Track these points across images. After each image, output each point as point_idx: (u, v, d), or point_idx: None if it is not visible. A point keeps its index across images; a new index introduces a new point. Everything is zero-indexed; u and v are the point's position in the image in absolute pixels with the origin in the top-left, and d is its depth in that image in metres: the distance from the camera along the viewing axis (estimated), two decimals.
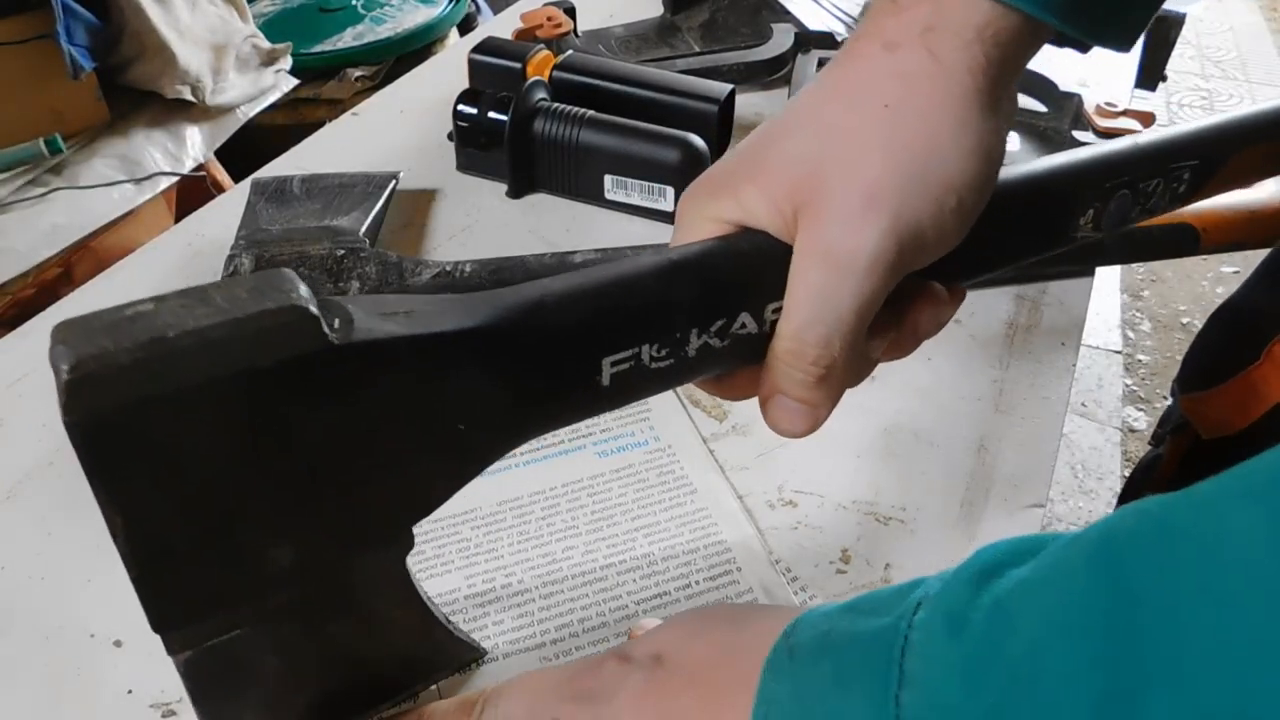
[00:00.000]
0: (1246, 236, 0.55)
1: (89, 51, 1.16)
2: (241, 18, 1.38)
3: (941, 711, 0.23)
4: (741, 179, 0.32)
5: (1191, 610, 0.20)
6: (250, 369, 0.24)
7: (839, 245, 0.30)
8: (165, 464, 0.25)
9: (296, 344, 0.25)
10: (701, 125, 0.62)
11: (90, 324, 0.24)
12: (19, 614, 0.39)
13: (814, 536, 0.42)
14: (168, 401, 0.24)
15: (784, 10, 0.81)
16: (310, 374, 0.25)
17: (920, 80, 0.31)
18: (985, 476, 0.44)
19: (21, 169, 1.16)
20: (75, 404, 0.23)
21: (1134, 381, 1.90)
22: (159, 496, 0.25)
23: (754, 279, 0.31)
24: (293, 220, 0.54)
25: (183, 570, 0.27)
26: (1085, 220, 0.37)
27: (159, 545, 0.26)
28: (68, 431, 0.23)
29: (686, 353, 0.31)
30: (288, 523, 0.27)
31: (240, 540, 0.27)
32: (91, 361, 0.23)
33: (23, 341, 0.53)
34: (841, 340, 0.30)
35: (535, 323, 0.29)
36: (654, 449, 0.45)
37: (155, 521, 0.25)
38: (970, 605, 0.24)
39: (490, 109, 0.62)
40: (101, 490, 0.25)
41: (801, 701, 0.26)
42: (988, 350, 0.51)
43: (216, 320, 0.24)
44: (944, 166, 0.30)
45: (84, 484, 0.24)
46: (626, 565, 0.40)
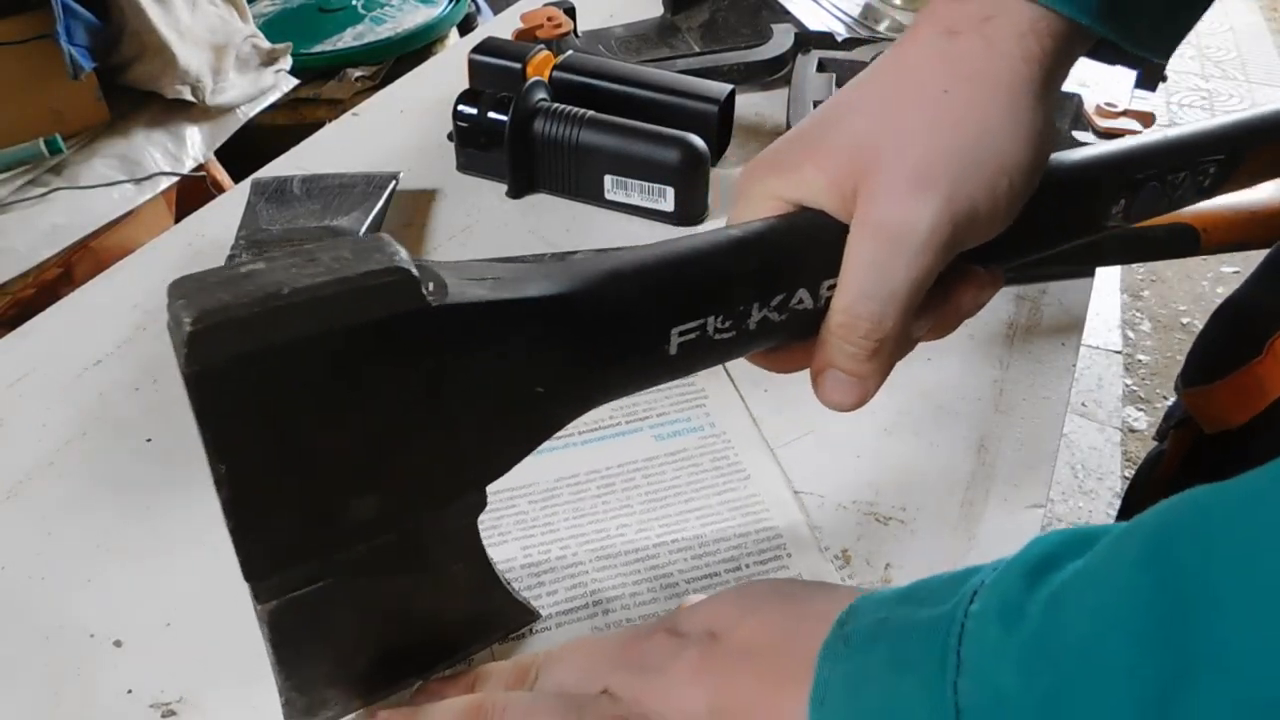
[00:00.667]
0: (1247, 236, 0.55)
1: (89, 51, 1.16)
2: (241, 18, 1.38)
3: (997, 699, 0.24)
4: (800, 158, 0.33)
5: (1238, 599, 0.20)
6: (355, 325, 0.26)
7: (895, 222, 0.31)
8: (271, 414, 0.26)
9: (397, 303, 0.26)
10: (701, 125, 0.62)
11: (206, 280, 0.25)
12: (19, 614, 0.39)
13: (813, 536, 0.42)
14: (280, 354, 0.25)
15: (784, 10, 0.81)
16: (406, 333, 0.27)
17: (978, 67, 0.32)
18: (985, 476, 0.44)
19: (21, 169, 1.16)
20: (197, 354, 0.24)
21: (1134, 381, 1.90)
22: (262, 446, 0.26)
23: (812, 255, 0.33)
24: (293, 220, 0.54)
25: (276, 520, 0.28)
26: (1117, 209, 0.38)
27: (258, 494, 0.27)
28: (186, 382, 0.24)
29: (747, 325, 0.32)
30: (373, 476, 0.29)
31: (329, 492, 0.28)
32: (214, 314, 0.24)
33: (23, 341, 0.53)
34: (894, 315, 0.31)
35: (611, 292, 0.30)
36: (709, 435, 0.46)
37: (257, 470, 0.27)
38: (1026, 597, 0.24)
39: (490, 109, 0.62)
40: (212, 439, 0.26)
41: (857, 687, 0.27)
42: (988, 350, 0.51)
43: (325, 279, 0.25)
44: (998, 150, 0.31)
45: (84, 484, 0.24)
46: (678, 545, 0.41)
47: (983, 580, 0.26)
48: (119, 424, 0.47)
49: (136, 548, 0.41)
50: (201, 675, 0.37)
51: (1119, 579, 0.23)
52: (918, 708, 0.25)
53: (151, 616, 0.39)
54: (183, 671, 0.37)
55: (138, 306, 0.54)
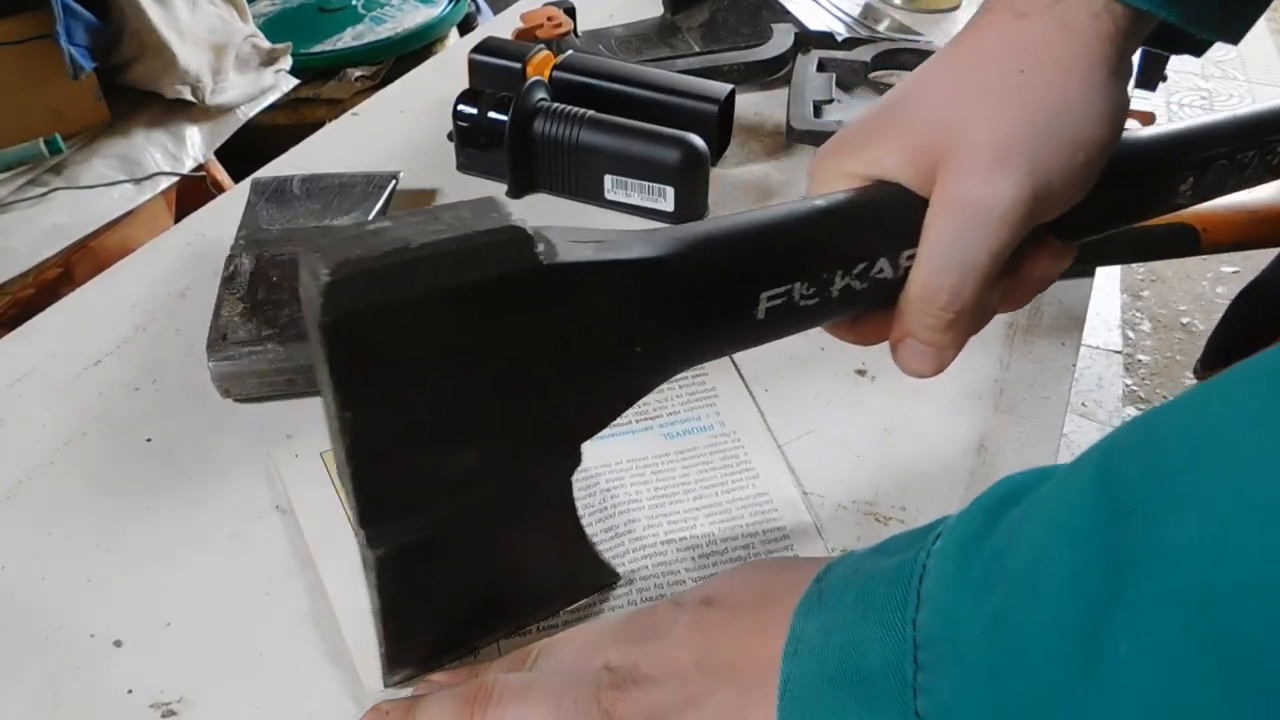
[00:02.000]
0: (1247, 236, 0.55)
1: (89, 51, 1.16)
2: (241, 18, 1.38)
3: (950, 626, 0.24)
4: (878, 137, 0.35)
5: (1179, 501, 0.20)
6: (475, 281, 0.27)
7: (975, 196, 0.32)
8: (395, 365, 0.27)
9: (513, 261, 0.28)
10: (701, 125, 0.62)
11: (337, 236, 0.26)
12: (19, 614, 0.39)
13: (814, 536, 0.42)
14: (407, 306, 0.26)
15: (784, 10, 0.81)
16: (519, 290, 0.28)
17: (1051, 46, 0.33)
18: (985, 476, 0.44)
19: (21, 169, 1.16)
20: (333, 305, 0.25)
21: (1134, 381, 1.90)
22: (385, 395, 0.27)
23: (892, 226, 0.34)
24: (293, 220, 0.54)
25: (392, 467, 0.29)
26: (1185, 187, 0.40)
27: (377, 442, 0.28)
28: (322, 332, 0.26)
29: (830, 292, 0.34)
30: (481, 429, 0.30)
31: (441, 442, 0.29)
32: (349, 265, 0.25)
33: (23, 341, 0.53)
34: (972, 287, 0.33)
35: (707, 256, 0.32)
36: (719, 434, 0.46)
37: (378, 419, 0.28)
38: (986, 531, 0.25)
39: (490, 109, 0.62)
40: (340, 387, 0.27)
41: (826, 634, 0.27)
42: (988, 350, 0.51)
43: (448, 236, 0.27)
44: (1074, 126, 0.33)
45: (84, 484, 0.25)
46: (686, 543, 0.41)
47: (948, 523, 0.27)
48: (119, 424, 0.47)
49: (136, 548, 0.41)
50: (201, 675, 0.37)
51: (1066, 497, 0.23)
52: (878, 645, 0.26)
53: (151, 616, 0.39)
54: (183, 671, 0.37)
55: (138, 306, 0.54)
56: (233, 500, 0.43)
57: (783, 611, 0.29)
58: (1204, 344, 0.65)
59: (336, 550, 0.41)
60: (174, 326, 0.53)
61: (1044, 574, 0.22)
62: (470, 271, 0.27)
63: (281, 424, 0.47)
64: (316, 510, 0.42)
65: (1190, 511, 0.20)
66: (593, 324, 0.30)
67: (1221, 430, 0.20)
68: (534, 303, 0.28)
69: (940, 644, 0.24)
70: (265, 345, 0.47)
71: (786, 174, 0.66)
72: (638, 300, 0.31)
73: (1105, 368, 1.92)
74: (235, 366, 0.46)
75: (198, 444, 0.46)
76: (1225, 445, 0.20)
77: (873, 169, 0.35)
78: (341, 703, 0.36)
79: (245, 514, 0.43)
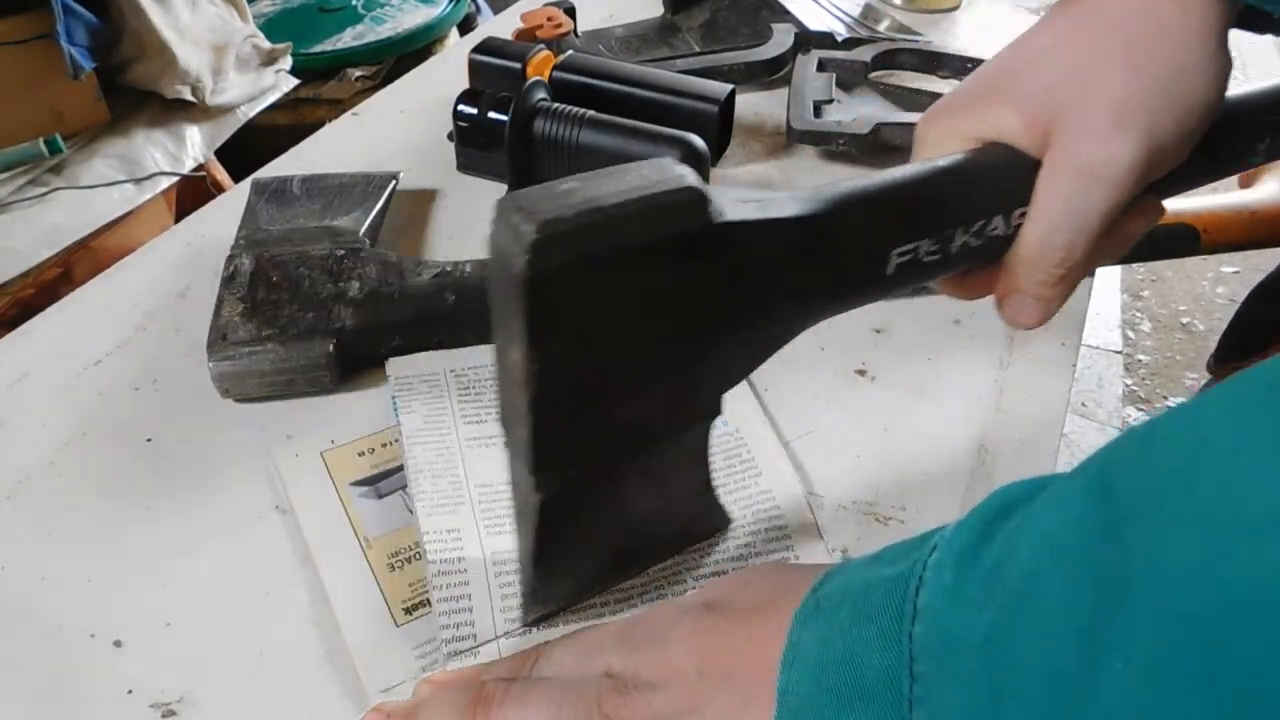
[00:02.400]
0: (1247, 236, 0.55)
1: (89, 51, 1.16)
2: (241, 18, 1.38)
3: (946, 640, 0.24)
4: (990, 100, 0.36)
5: (1174, 516, 0.20)
6: (659, 239, 0.29)
7: (1094, 158, 0.33)
8: (582, 319, 0.29)
9: (691, 219, 0.29)
10: (701, 125, 0.62)
11: (531, 197, 0.28)
12: (19, 614, 0.39)
13: (814, 536, 0.42)
14: (601, 263, 0.28)
15: (784, 10, 0.81)
16: (693, 247, 0.30)
17: (1164, 12, 0.34)
18: (985, 476, 0.44)
19: (21, 169, 1.16)
20: (538, 259, 0.27)
21: (1134, 381, 1.90)
22: (569, 348, 0.29)
23: (1007, 186, 0.36)
24: (293, 220, 0.54)
25: (568, 416, 0.31)
26: (1261, 145, 0.42)
27: (557, 393, 0.30)
28: (523, 287, 0.27)
29: (950, 249, 0.35)
30: (648, 379, 0.32)
31: (613, 392, 0.31)
32: (552, 224, 0.27)
33: (23, 341, 0.53)
34: (1084, 245, 0.34)
35: (849, 215, 0.33)
36: (723, 432, 0.46)
37: (561, 371, 0.29)
38: (983, 542, 0.25)
39: (490, 109, 0.62)
40: (532, 341, 0.28)
41: (823, 645, 0.27)
42: (988, 350, 0.51)
43: (636, 195, 0.28)
44: (1189, 90, 0.34)
45: (84, 484, 0.24)
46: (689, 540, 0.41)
47: (944, 534, 0.27)
48: (119, 424, 0.47)
49: (136, 548, 0.41)
50: (201, 675, 0.37)
51: (1062, 510, 0.23)
52: (875, 657, 0.26)
53: (151, 616, 0.39)
54: (183, 671, 0.37)
55: (138, 306, 0.54)
56: (233, 500, 0.43)
57: (784, 618, 0.29)
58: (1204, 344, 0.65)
59: (336, 550, 0.41)
60: (174, 326, 0.53)
61: (1039, 588, 0.22)
62: (655, 230, 0.29)
63: (281, 424, 0.47)
64: (316, 510, 0.42)
65: (1186, 528, 0.19)
66: (749, 278, 0.32)
67: (1217, 443, 0.20)
68: (703, 258, 0.30)
69: (936, 656, 0.24)
70: (265, 345, 0.47)
71: (787, 174, 0.66)
72: (788, 256, 0.32)
73: (1105, 368, 1.92)
74: (235, 366, 0.46)
75: (198, 444, 0.46)
76: (1221, 459, 0.20)
77: (987, 131, 0.36)
78: (341, 703, 0.36)
79: (245, 514, 0.43)
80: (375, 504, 0.43)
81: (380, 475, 0.44)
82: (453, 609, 0.38)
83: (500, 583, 0.39)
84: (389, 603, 0.39)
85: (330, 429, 0.46)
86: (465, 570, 0.39)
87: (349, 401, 0.48)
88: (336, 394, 0.48)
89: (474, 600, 0.38)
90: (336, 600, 0.39)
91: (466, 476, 0.43)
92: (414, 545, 0.41)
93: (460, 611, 0.38)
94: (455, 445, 0.45)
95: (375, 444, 0.46)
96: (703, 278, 0.30)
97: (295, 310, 0.48)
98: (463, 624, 0.37)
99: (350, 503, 0.43)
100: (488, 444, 0.45)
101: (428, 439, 0.45)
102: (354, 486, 0.44)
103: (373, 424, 0.47)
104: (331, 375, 0.48)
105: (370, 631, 0.38)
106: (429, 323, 0.50)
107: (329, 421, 0.47)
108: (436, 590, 0.38)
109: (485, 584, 0.39)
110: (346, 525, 0.42)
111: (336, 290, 0.49)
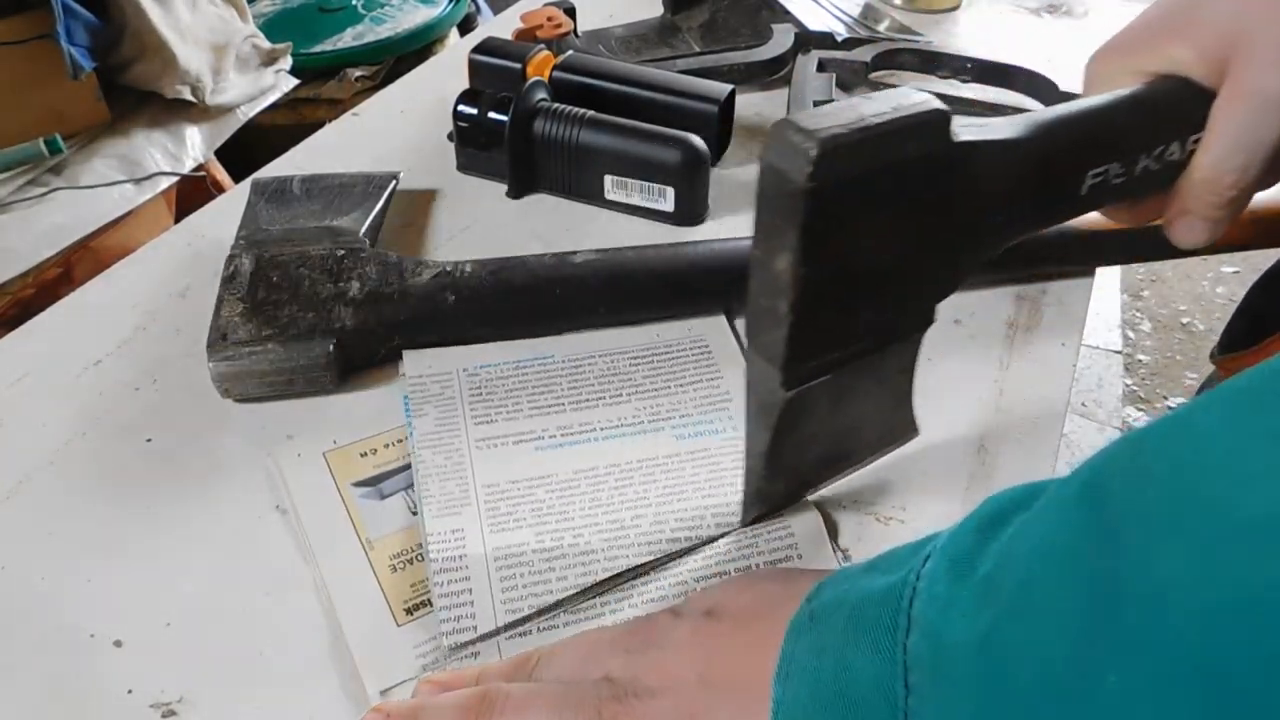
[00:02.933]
0: (1247, 237, 0.55)
1: (89, 51, 1.16)
2: (241, 18, 1.38)
3: (939, 649, 0.24)
4: (1164, 36, 0.38)
5: (1167, 524, 0.20)
6: (914, 155, 0.32)
7: (1269, 87, 0.35)
8: (845, 228, 0.31)
9: (938, 138, 0.32)
10: (701, 125, 0.62)
11: (805, 119, 0.30)
12: (19, 614, 0.39)
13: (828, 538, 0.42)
14: (868, 176, 0.31)
15: (784, 10, 0.81)
16: (937, 163, 0.33)
17: None
18: (985, 476, 0.44)
19: (21, 169, 1.16)
20: (818, 172, 0.29)
21: (1134, 381, 1.90)
22: (831, 255, 0.32)
23: (1183, 115, 0.38)
24: (293, 220, 0.54)
25: (818, 320, 0.33)
26: None
27: (814, 297, 0.32)
28: (802, 198, 0.29)
29: (1134, 171, 0.38)
30: (885, 286, 0.35)
31: (856, 297, 0.34)
32: (832, 140, 0.29)
33: (23, 341, 0.53)
34: (1256, 169, 0.37)
35: (1055, 138, 0.36)
36: (731, 437, 0.46)
37: (821, 276, 0.32)
38: (977, 551, 0.25)
39: (490, 109, 0.62)
40: (803, 249, 0.31)
41: (817, 656, 0.27)
42: (988, 350, 0.51)
43: (896, 115, 0.31)
44: None
45: (84, 484, 0.24)
46: (691, 540, 0.41)
47: (938, 542, 0.27)
48: (119, 424, 0.47)
49: (136, 548, 0.41)
50: (201, 675, 0.37)
51: (1056, 519, 0.23)
52: (869, 670, 0.26)
53: (151, 616, 0.39)
54: (183, 671, 0.37)
55: (138, 306, 0.54)
56: (233, 500, 0.43)
57: (779, 624, 0.30)
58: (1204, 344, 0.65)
59: (338, 550, 0.41)
60: (174, 326, 0.53)
61: (1033, 600, 0.22)
62: (912, 146, 0.31)
63: (281, 424, 0.47)
64: (319, 510, 0.42)
65: (1179, 536, 0.19)
66: (975, 194, 0.35)
67: (1207, 449, 0.20)
68: (943, 174, 0.33)
69: (929, 667, 0.24)
70: (265, 345, 0.47)
71: None
72: (1005, 175, 0.35)
73: (1105, 368, 1.92)
74: (235, 366, 0.46)
75: (198, 444, 0.46)
76: (1211, 464, 0.20)
77: (1162, 65, 0.38)
78: (341, 703, 0.36)
79: (245, 514, 0.43)
80: (377, 505, 0.43)
81: (383, 476, 0.44)
82: (453, 603, 0.38)
83: (501, 576, 0.39)
84: (390, 603, 0.39)
85: (333, 430, 0.46)
86: (467, 567, 0.39)
87: (349, 402, 0.48)
88: (337, 394, 0.48)
89: (475, 595, 0.38)
90: (338, 600, 0.39)
91: (474, 477, 0.43)
92: (416, 546, 0.41)
93: (461, 605, 0.38)
94: (465, 447, 0.45)
95: (378, 444, 0.46)
96: (941, 192, 0.33)
97: (295, 310, 0.48)
98: (463, 617, 0.37)
99: (352, 503, 0.43)
100: (496, 445, 0.45)
101: (438, 442, 0.45)
102: (356, 487, 0.44)
103: (374, 425, 0.47)
104: (331, 375, 0.48)
105: (371, 631, 0.38)
106: (429, 323, 0.50)
107: (329, 421, 0.47)
108: (438, 586, 0.38)
109: (486, 579, 0.39)
110: (348, 525, 0.42)
111: (337, 290, 0.49)
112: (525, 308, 0.51)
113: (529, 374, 0.49)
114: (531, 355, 0.50)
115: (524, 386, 0.48)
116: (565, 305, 0.51)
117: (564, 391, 0.48)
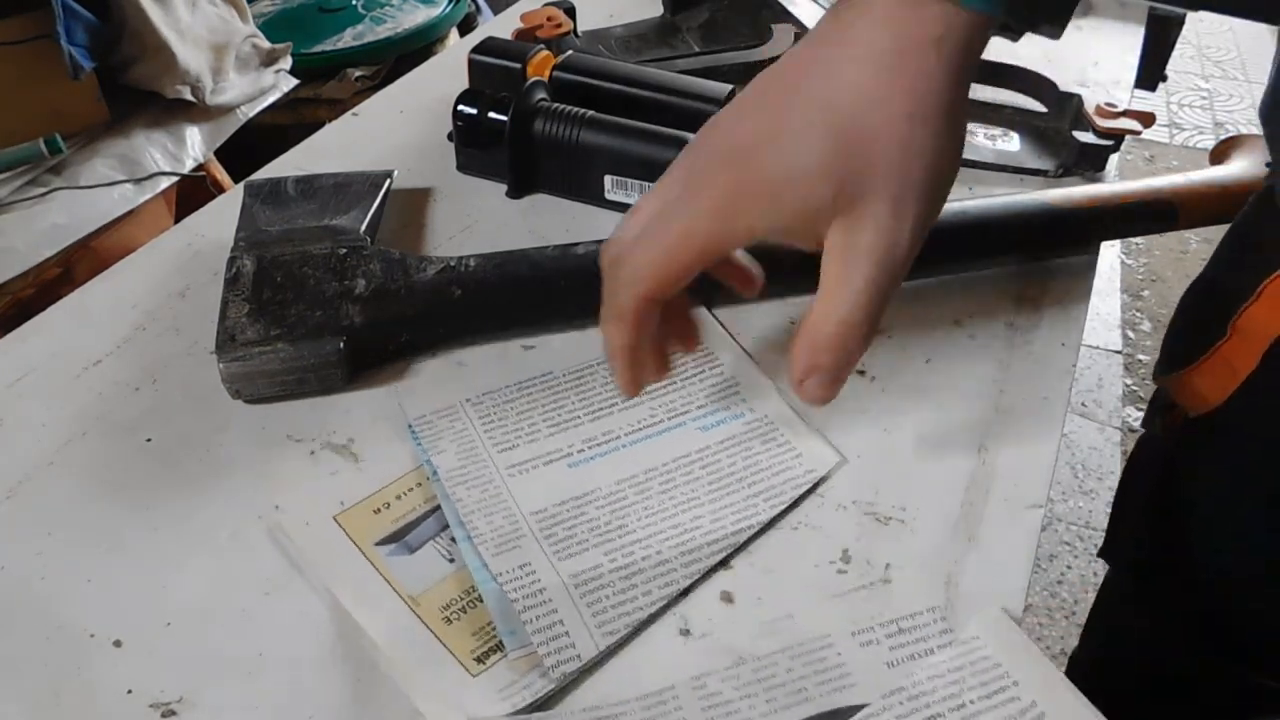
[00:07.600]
0: (1219, 210, 0.58)
1: (89, 51, 1.15)
2: (241, 18, 1.38)
3: None
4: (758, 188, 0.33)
5: None
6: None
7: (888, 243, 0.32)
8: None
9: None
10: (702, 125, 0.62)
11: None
12: (19, 614, 0.39)
13: (814, 536, 0.42)
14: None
15: (784, 10, 0.81)
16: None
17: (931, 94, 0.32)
18: (985, 476, 0.44)
19: (21, 169, 1.15)
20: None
21: (1134, 381, 1.90)
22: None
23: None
24: (291, 221, 0.54)
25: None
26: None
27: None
28: None
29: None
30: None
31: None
32: None
33: (23, 341, 0.53)
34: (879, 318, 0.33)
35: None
36: (751, 419, 0.46)
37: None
38: None
39: (490, 109, 0.62)
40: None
41: None
42: (988, 350, 0.51)
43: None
44: (954, 170, 0.34)
45: (84, 484, 0.25)
46: (752, 529, 0.41)
47: None
48: (119, 424, 0.47)
49: (136, 548, 0.41)
50: (201, 675, 0.37)
51: None
52: None
53: (151, 616, 0.39)
54: (183, 671, 0.37)
55: (138, 306, 0.54)
56: (233, 500, 0.43)
57: None
58: None
59: (382, 611, 0.39)
60: (174, 326, 0.53)
61: None
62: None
63: (282, 424, 0.47)
64: (347, 576, 0.40)
65: None
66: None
67: None
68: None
69: None
70: (275, 345, 0.47)
71: None
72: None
73: (1105, 368, 1.92)
74: (245, 367, 0.46)
75: (198, 444, 0.46)
76: None
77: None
78: (341, 703, 0.36)
79: (245, 514, 0.43)
80: (408, 559, 0.40)
81: (406, 529, 0.42)
82: (549, 636, 0.37)
83: (588, 602, 0.38)
84: (456, 655, 0.37)
85: (337, 490, 0.43)
86: (550, 600, 0.38)
87: (349, 402, 0.48)
88: (343, 394, 0.48)
89: (567, 625, 0.38)
90: (397, 664, 0.37)
91: (518, 506, 0.42)
92: (464, 594, 0.39)
93: (557, 638, 0.37)
94: (497, 478, 0.44)
95: (389, 497, 0.43)
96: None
97: (302, 309, 0.48)
98: (565, 648, 0.37)
99: (380, 562, 0.40)
100: (528, 469, 0.44)
101: (467, 477, 0.43)
102: (380, 546, 0.41)
103: (384, 471, 0.44)
104: (342, 373, 0.48)
105: (443, 687, 0.36)
106: (437, 318, 0.50)
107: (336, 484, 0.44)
108: (529, 624, 0.37)
109: (573, 606, 0.38)
110: (384, 585, 0.40)
111: (342, 288, 0.49)
112: (531, 299, 0.51)
113: (535, 393, 0.48)
114: (530, 375, 0.49)
115: (534, 406, 0.47)
116: (570, 296, 0.51)
117: (575, 405, 0.48)
